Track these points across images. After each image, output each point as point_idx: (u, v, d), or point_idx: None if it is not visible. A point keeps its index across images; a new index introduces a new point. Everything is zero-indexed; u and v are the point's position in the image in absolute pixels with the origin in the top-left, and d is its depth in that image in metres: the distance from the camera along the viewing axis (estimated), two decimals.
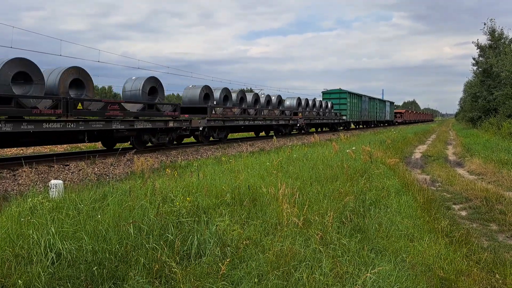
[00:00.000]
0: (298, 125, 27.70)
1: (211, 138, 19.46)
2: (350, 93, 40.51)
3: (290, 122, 26.84)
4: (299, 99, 29.99)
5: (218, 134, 19.58)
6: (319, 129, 36.45)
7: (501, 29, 33.00)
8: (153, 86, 15.71)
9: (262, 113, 23.64)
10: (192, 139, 20.46)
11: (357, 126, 47.14)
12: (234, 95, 21.94)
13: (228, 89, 21.38)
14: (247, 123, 21.99)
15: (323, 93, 41.57)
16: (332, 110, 36.73)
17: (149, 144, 15.20)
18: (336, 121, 36.48)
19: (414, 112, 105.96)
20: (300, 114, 28.50)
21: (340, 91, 40.41)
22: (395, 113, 73.90)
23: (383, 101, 58.78)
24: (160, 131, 15.20)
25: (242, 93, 22.87)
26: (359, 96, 44.17)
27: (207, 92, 19.52)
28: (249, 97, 23.62)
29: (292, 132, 28.80)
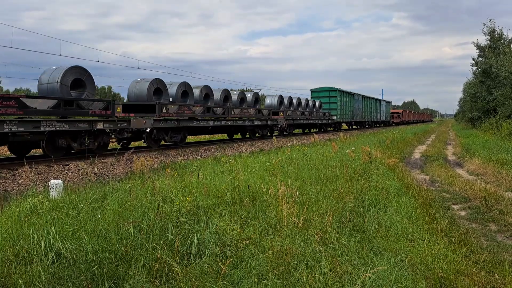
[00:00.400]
0: (279, 126, 25.00)
1: (163, 142, 16.39)
2: (341, 91, 37.44)
3: (269, 122, 23.69)
4: (281, 97, 26.99)
5: (172, 137, 16.45)
6: (307, 130, 33.51)
7: (501, 30, 33.09)
8: (78, 78, 12.39)
9: (233, 112, 20.44)
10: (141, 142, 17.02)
11: (350, 127, 44.48)
12: (196, 91, 18.76)
13: (188, 84, 18.17)
14: (212, 123, 18.78)
15: (312, 91, 38.32)
16: (321, 110, 33.69)
17: (73, 150, 12.16)
18: (324, 121, 33.53)
19: (413, 112, 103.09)
20: (281, 114, 25.46)
21: (330, 89, 37.12)
22: (392, 113, 71.69)
23: (378, 100, 54.77)
24: (85, 134, 11.99)
25: (207, 89, 19.50)
26: (351, 94, 40.86)
27: (158, 87, 16.16)
28: (217, 94, 20.59)
29: (274, 134, 26.01)
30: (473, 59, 37.17)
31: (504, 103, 25.62)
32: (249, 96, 24.00)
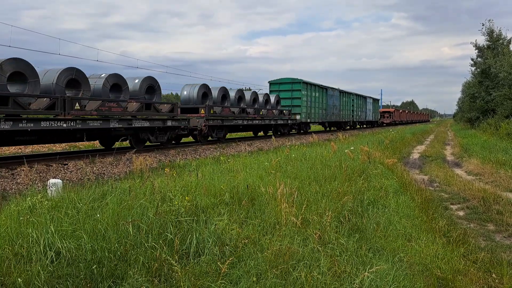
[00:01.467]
0: (198, 128, 17.82)
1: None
2: (307, 83, 29.87)
3: (172, 123, 15.97)
4: (205, 88, 19.66)
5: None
6: (249, 134, 27.53)
7: (499, 30, 33.17)
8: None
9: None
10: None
11: (329, 129, 38.52)
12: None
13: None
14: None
15: (270, 83, 30.54)
16: (279, 107, 26.90)
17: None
18: (281, 121, 26.22)
19: (407, 111, 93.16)
20: (202, 111, 18.42)
21: (292, 81, 29.42)
22: (382, 112, 66.02)
23: (362, 97, 47.02)
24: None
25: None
26: (323, 88, 33.45)
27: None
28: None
29: (190, 140, 20.39)
30: (472, 59, 37.29)
31: (503, 103, 25.66)
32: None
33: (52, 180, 6.51)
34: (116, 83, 14.14)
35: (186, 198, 5.30)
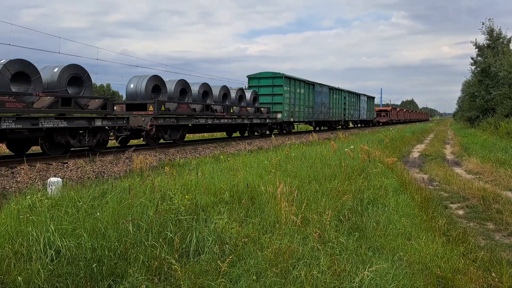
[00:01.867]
0: (144, 128, 14.81)
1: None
2: (290, 78, 26.88)
3: (103, 123, 13.00)
4: (157, 80, 16.53)
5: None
6: (218, 135, 24.80)
7: (499, 29, 33.18)
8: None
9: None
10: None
11: (318, 128, 36.12)
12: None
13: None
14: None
15: (249, 78, 27.12)
16: (257, 104, 24.11)
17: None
18: (257, 121, 23.08)
19: (405, 110, 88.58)
20: (151, 108, 15.56)
21: (273, 76, 26.21)
22: (379, 111, 63.17)
23: (355, 95, 43.36)
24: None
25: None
26: (310, 84, 30.42)
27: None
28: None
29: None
30: (472, 58, 37.31)
31: (503, 102, 25.68)
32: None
33: (52, 179, 6.51)
34: (22, 71, 11.01)
35: (186, 196, 5.30)
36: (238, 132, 23.80)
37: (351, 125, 45.92)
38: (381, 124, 59.22)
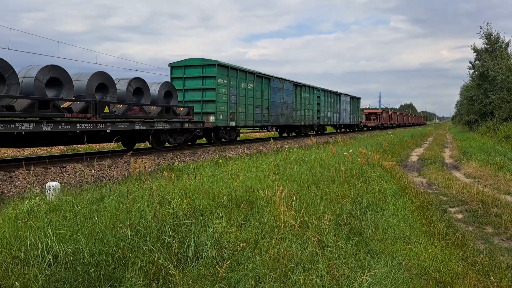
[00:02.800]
0: None
1: None
2: (229, 68, 19.56)
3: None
4: (103, 77, 13.15)
5: None
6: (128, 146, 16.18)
7: (497, 33, 33.23)
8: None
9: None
10: None
11: (278, 135, 29.60)
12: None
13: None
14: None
15: (172, 67, 19.69)
16: (173, 102, 16.58)
17: None
18: (166, 126, 15.21)
19: (398, 113, 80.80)
20: None
21: (203, 63, 18.81)
22: (368, 114, 57.84)
23: (334, 94, 36.57)
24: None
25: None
26: (263, 78, 23.08)
27: None
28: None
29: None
30: (470, 62, 37.31)
31: (501, 106, 25.72)
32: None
33: (50, 183, 6.49)
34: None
35: (185, 201, 5.29)
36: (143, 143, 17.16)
37: (336, 130, 41.24)
38: (369, 128, 52.61)
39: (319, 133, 34.18)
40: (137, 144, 17.17)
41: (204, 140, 20.50)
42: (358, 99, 46.37)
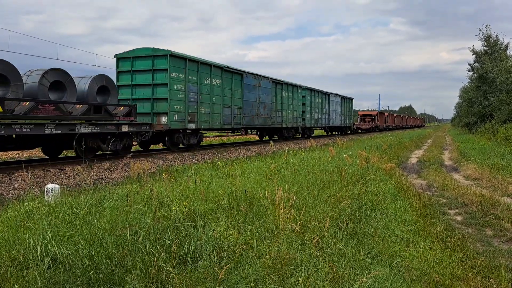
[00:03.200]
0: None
1: None
2: (187, 60, 16.38)
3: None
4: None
5: None
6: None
7: (496, 35, 33.29)
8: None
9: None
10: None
11: (259, 139, 26.78)
12: None
13: None
14: None
15: (119, 58, 16.41)
16: (111, 99, 13.66)
17: None
18: (95, 129, 12.03)
19: (395, 115, 77.08)
20: None
21: (153, 54, 15.74)
22: (363, 115, 55.63)
23: (323, 94, 33.20)
24: None
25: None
26: (233, 73, 19.81)
27: None
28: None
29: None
30: (469, 64, 37.41)
31: (500, 108, 25.75)
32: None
33: (49, 185, 6.49)
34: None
35: (184, 203, 5.29)
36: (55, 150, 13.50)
37: (317, 133, 37.86)
38: (363, 131, 49.90)
39: (305, 136, 30.69)
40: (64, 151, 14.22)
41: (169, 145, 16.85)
42: (350, 99, 42.86)
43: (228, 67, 19.27)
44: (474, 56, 35.38)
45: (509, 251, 5.69)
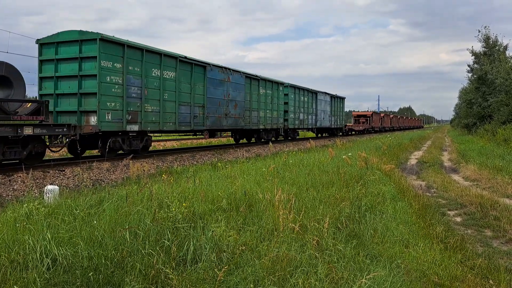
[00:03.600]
0: None
1: None
2: (126, 46, 13.25)
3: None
4: None
5: None
6: None
7: (495, 37, 33.35)
8: None
9: None
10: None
11: (244, 142, 23.85)
12: None
13: None
14: None
15: (42, 44, 13.08)
16: (17, 94, 11.00)
17: None
18: None
19: (392, 116, 74.07)
20: None
21: (80, 38, 12.37)
22: (357, 116, 53.01)
23: (309, 92, 30.19)
24: None
25: None
26: (195, 65, 16.85)
27: None
28: None
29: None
30: (469, 65, 37.43)
31: (499, 109, 25.78)
32: None
33: (49, 187, 6.49)
34: None
35: (184, 204, 5.29)
36: None
37: (308, 135, 35.27)
38: (355, 133, 46.83)
39: (289, 139, 27.73)
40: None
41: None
42: (342, 99, 39.54)
43: (185, 57, 16.03)
44: (473, 57, 35.44)
45: (508, 252, 5.70)
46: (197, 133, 19.24)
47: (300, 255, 4.14)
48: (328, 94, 35.32)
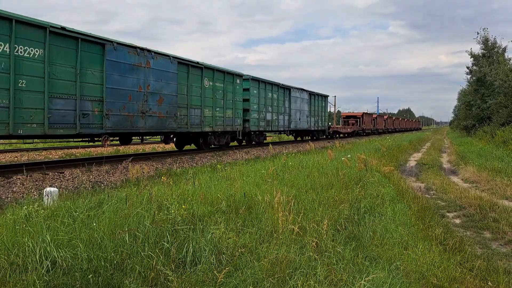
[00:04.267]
0: None
1: None
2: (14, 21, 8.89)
3: None
4: None
5: None
6: None
7: (494, 38, 33.45)
8: None
9: None
10: None
11: (187, 148, 19.24)
12: None
13: None
14: None
15: None
16: None
17: None
18: None
19: (386, 117, 68.12)
20: None
21: None
22: (346, 117, 48.42)
23: (282, 88, 25.16)
24: None
25: None
26: (88, 42, 11.17)
27: None
28: None
29: None
30: (468, 67, 37.50)
31: (498, 111, 25.81)
32: None
33: (48, 189, 6.49)
34: None
35: (183, 206, 5.30)
36: None
37: (288, 138, 31.30)
38: (341, 136, 39.79)
39: (253, 144, 23.04)
40: None
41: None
42: (325, 97, 33.61)
43: (63, 28, 10.61)
44: (472, 59, 35.51)
45: (507, 253, 5.70)
46: (91, 140, 13.13)
47: (299, 257, 4.14)
48: (306, 90, 29.28)
